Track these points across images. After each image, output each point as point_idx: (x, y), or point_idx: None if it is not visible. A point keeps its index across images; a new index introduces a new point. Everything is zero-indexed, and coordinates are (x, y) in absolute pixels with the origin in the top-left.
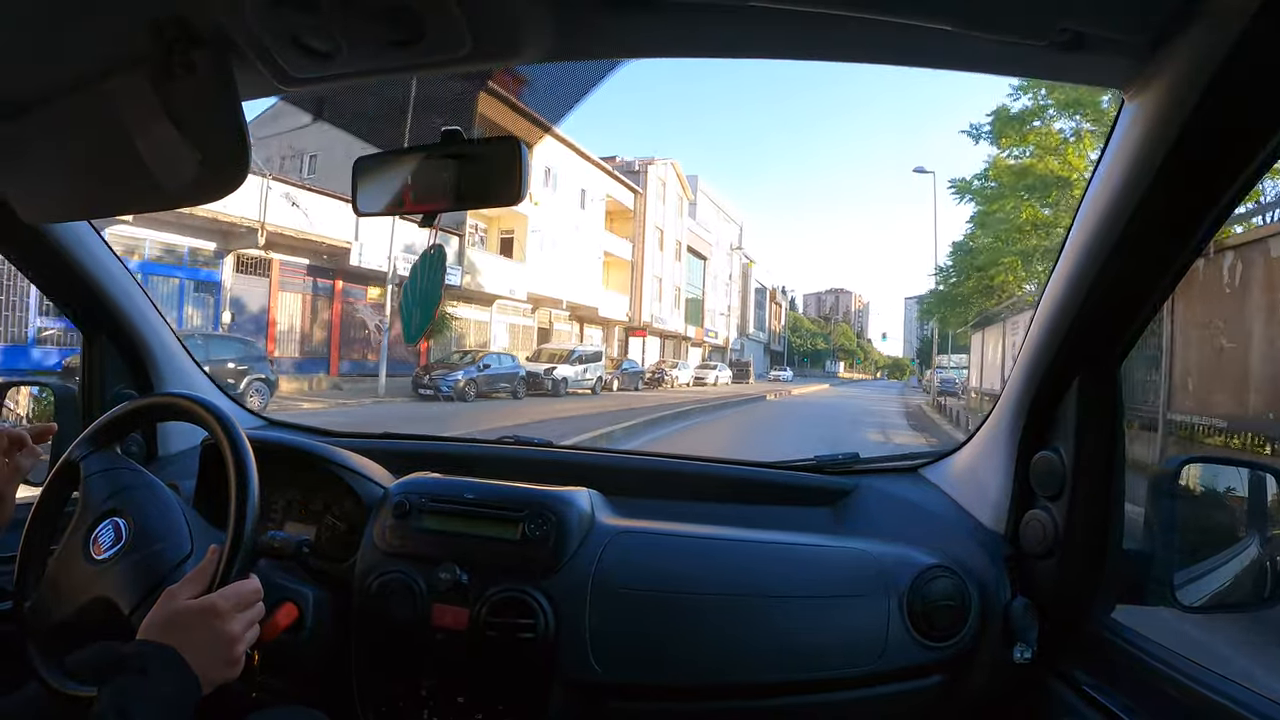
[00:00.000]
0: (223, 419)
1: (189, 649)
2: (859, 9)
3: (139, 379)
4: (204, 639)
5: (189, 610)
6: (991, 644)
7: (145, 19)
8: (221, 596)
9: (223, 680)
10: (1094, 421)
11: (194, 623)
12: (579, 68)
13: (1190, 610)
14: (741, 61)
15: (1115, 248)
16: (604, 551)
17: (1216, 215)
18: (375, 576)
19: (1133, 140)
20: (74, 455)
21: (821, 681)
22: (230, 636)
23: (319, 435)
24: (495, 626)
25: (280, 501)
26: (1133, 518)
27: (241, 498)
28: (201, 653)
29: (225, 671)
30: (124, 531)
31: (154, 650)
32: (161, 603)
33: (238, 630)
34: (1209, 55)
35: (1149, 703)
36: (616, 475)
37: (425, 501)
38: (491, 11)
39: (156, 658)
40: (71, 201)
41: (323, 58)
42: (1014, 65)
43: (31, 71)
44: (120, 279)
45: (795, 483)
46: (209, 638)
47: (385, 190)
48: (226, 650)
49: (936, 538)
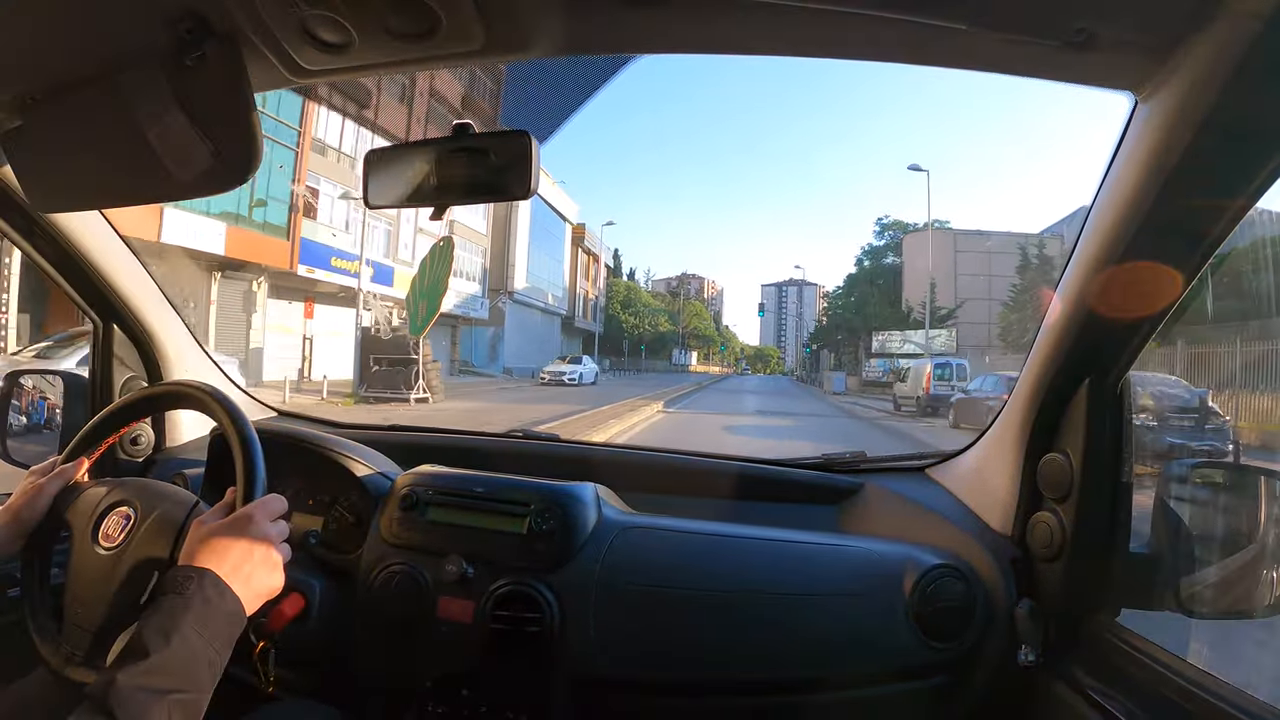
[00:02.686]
0: (231, 409)
1: (228, 564)
2: (871, 6)
3: (149, 368)
4: (242, 548)
5: (221, 526)
6: (996, 646)
7: (158, 11)
8: (251, 506)
9: (269, 591)
10: (1103, 425)
11: (228, 536)
12: (591, 62)
13: (1197, 616)
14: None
15: (1125, 250)
16: (610, 546)
17: (1229, 218)
18: (381, 568)
19: (1144, 143)
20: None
21: (825, 679)
22: (267, 537)
23: (327, 427)
24: (500, 620)
25: (288, 492)
26: (1140, 522)
27: (249, 487)
28: (241, 564)
29: (268, 579)
30: (132, 512)
31: (190, 572)
32: (192, 532)
33: (273, 533)
34: (1223, 57)
35: (1153, 708)
36: (623, 470)
37: (432, 494)
38: (505, 5)
39: (194, 579)
40: (83, 191)
41: (335, 50)
42: (1026, 65)
43: (45, 63)
44: (131, 269)
45: (802, 481)
46: (246, 545)
47: (396, 183)
48: (265, 554)
49: (942, 538)
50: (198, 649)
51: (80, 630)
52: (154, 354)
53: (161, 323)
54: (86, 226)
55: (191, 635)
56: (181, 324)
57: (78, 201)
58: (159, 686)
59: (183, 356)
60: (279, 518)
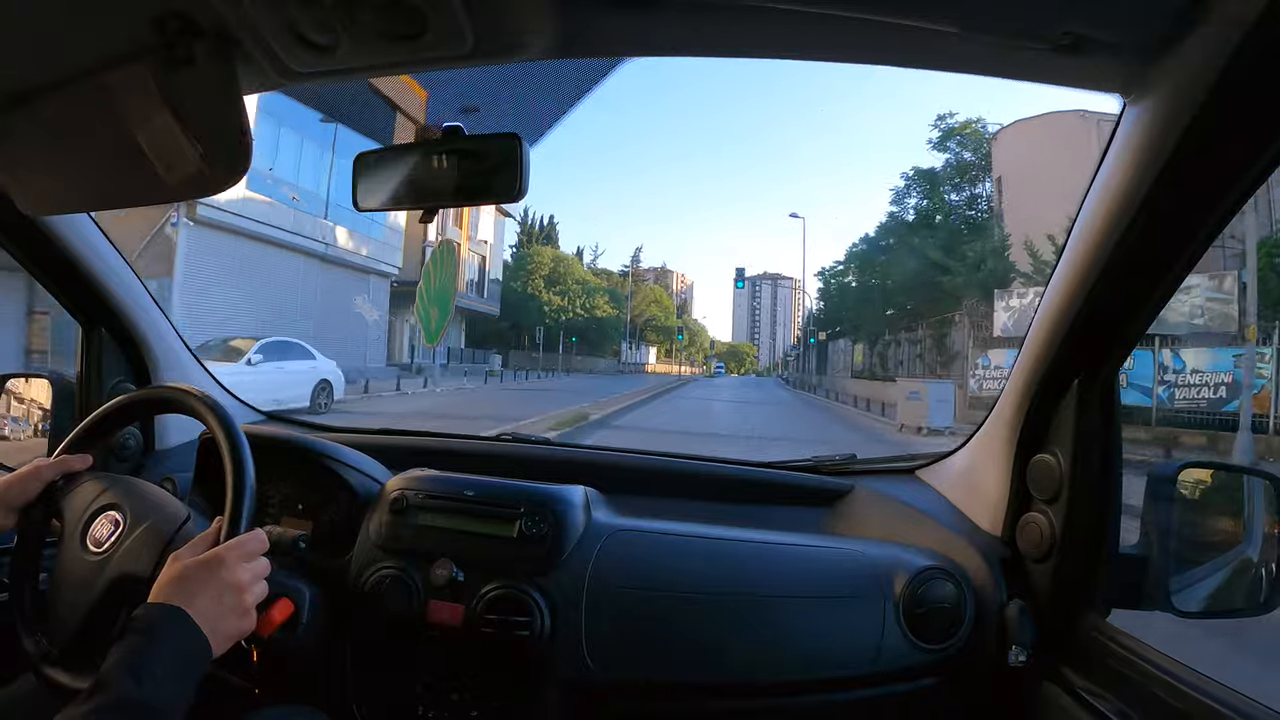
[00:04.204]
0: (219, 412)
1: (198, 606)
2: (861, 10)
3: (137, 372)
4: (213, 592)
5: (194, 566)
6: (986, 646)
7: (146, 11)
8: (225, 548)
9: (238, 634)
10: (1092, 425)
11: (201, 577)
12: (581, 64)
13: (1186, 615)
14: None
15: (1114, 252)
16: (600, 550)
17: (1216, 220)
18: (372, 572)
19: (1133, 145)
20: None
21: (816, 682)
22: (238, 584)
23: (316, 430)
24: (491, 624)
25: (276, 496)
26: (1129, 522)
27: (238, 492)
28: (212, 607)
29: (238, 623)
30: (121, 518)
31: (161, 611)
32: (168, 567)
33: (245, 578)
34: (1211, 60)
35: (1144, 707)
36: (614, 473)
37: (422, 498)
38: (494, 7)
39: (164, 618)
40: (71, 193)
41: (323, 51)
42: (1014, 69)
43: (32, 63)
44: (119, 271)
45: (792, 483)
46: (217, 589)
47: (385, 186)
48: (236, 599)
49: (933, 539)
50: (164, 690)
51: (59, 629)
52: (142, 357)
53: (150, 326)
54: (74, 229)
55: (159, 674)
56: (170, 327)
57: (65, 204)
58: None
59: (171, 360)
60: (261, 553)
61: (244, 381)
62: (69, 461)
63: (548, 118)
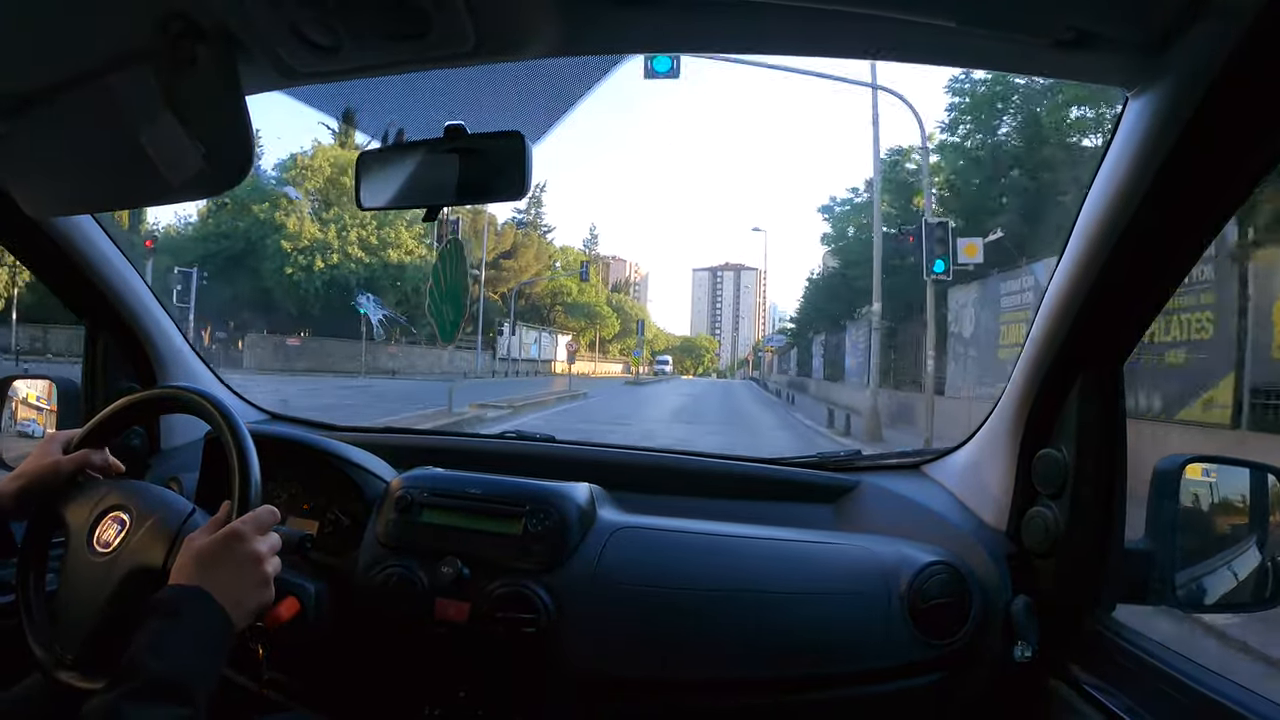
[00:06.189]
0: (224, 412)
1: (218, 582)
2: (860, 5)
3: (142, 372)
4: (231, 566)
5: (211, 543)
6: (992, 642)
7: (148, 13)
8: (240, 521)
9: (259, 606)
10: (1097, 419)
11: (218, 553)
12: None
13: (1191, 610)
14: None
15: (1118, 245)
16: (605, 547)
17: (1220, 213)
18: (377, 571)
19: (1137, 139)
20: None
21: (821, 678)
22: (256, 555)
23: (321, 430)
24: (497, 621)
25: (282, 496)
26: (1134, 517)
27: (245, 475)
28: (232, 581)
29: (258, 594)
30: (127, 517)
31: (182, 591)
32: (184, 549)
33: (263, 549)
34: (1214, 53)
35: (1149, 703)
36: (618, 471)
37: (427, 496)
38: (496, 6)
39: (185, 598)
40: (74, 195)
41: (326, 52)
42: (1017, 63)
43: (35, 65)
44: (123, 272)
45: (797, 479)
46: (236, 563)
47: (389, 185)
48: (254, 571)
49: (938, 535)
50: (192, 668)
51: (72, 634)
52: (147, 358)
53: (154, 326)
54: (78, 230)
55: (185, 654)
56: (174, 327)
57: (69, 206)
58: (155, 706)
59: (176, 360)
60: (272, 528)
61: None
62: (88, 456)
63: (550, 115)
